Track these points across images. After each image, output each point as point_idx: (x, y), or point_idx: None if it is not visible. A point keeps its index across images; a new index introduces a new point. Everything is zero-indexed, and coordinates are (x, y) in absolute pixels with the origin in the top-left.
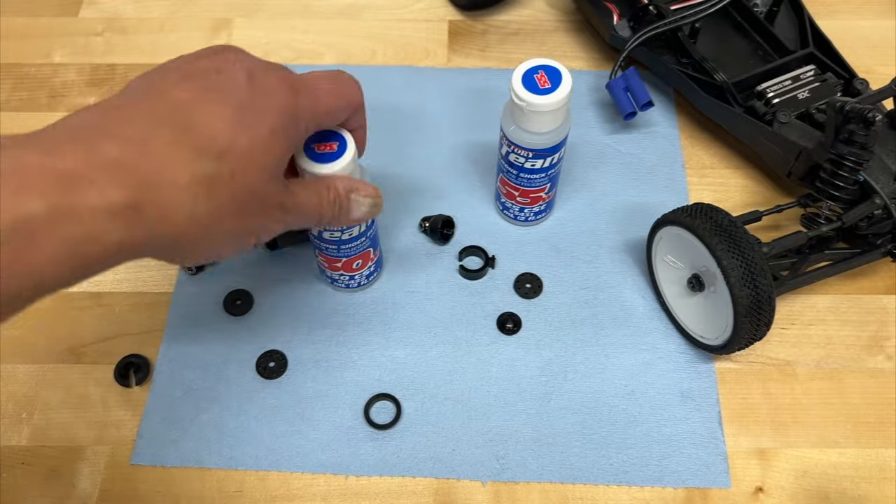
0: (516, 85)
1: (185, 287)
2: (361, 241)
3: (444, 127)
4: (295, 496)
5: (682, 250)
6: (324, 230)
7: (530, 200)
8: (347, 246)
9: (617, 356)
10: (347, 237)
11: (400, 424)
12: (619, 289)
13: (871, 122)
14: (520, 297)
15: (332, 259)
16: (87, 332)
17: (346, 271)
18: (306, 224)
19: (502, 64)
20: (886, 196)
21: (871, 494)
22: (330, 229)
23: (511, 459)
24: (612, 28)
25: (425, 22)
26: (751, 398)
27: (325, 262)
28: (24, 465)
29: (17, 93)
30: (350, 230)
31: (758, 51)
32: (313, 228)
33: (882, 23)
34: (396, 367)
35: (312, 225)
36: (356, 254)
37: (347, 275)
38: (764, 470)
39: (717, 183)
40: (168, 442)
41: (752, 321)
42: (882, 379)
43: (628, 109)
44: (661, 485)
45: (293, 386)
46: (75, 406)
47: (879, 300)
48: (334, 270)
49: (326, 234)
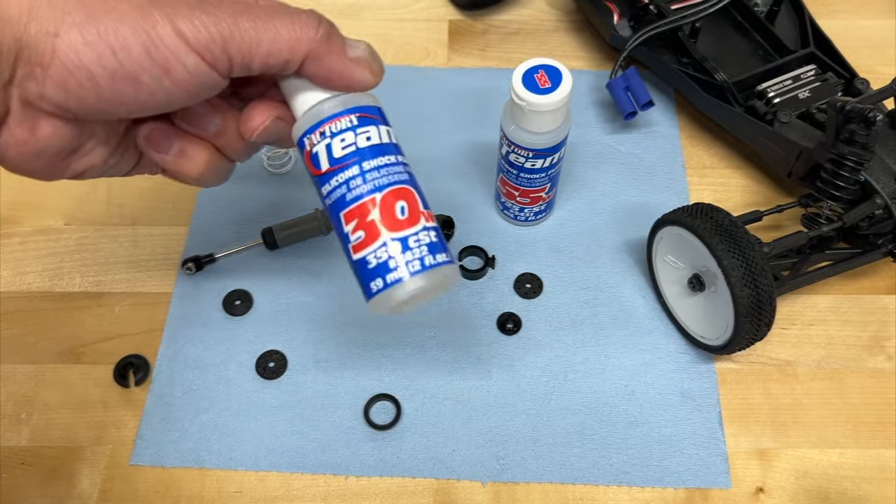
0: (516, 85)
1: (185, 287)
2: (392, 161)
3: (444, 127)
4: (295, 497)
5: (683, 250)
6: (332, 141)
7: (530, 200)
8: (372, 163)
9: (617, 356)
10: (366, 143)
11: (400, 425)
12: (619, 289)
13: (872, 122)
14: (520, 297)
15: (362, 205)
16: (87, 332)
17: (392, 229)
18: (265, 44)
19: (502, 64)
20: (887, 196)
21: (872, 495)
22: (339, 132)
23: (511, 460)
24: (613, 28)
25: (425, 22)
26: (751, 398)
27: (359, 227)
28: (23, 465)
29: None
30: (366, 129)
31: (758, 50)
32: (290, 74)
33: (883, 22)
34: (396, 367)
35: (278, 48)
36: (393, 185)
37: (398, 237)
38: (764, 470)
39: (717, 183)
40: (168, 442)
41: (753, 321)
42: (882, 379)
43: (628, 109)
44: (661, 485)
45: (293, 386)
46: (75, 406)
47: (880, 300)
48: (375, 241)
49: (337, 144)
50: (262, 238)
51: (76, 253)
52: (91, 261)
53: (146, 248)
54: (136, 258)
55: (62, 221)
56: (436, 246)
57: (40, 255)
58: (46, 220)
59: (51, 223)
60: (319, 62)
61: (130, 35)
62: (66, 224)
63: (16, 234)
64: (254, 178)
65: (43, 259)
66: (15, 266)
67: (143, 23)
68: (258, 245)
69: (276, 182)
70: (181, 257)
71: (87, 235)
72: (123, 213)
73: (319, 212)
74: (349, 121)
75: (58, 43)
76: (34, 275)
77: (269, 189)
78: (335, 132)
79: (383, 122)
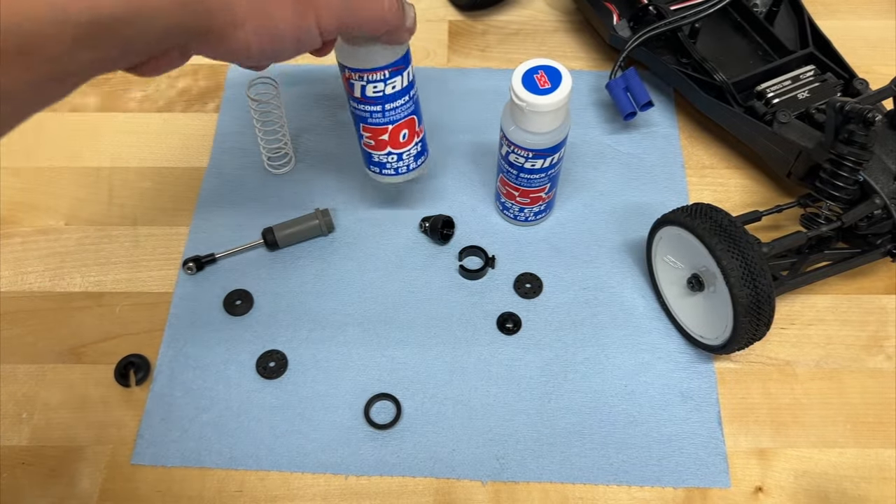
0: (516, 85)
1: (186, 287)
2: (405, 102)
3: (444, 127)
4: (295, 496)
5: (682, 250)
6: (366, 86)
7: (530, 200)
8: (392, 105)
9: (617, 356)
10: (391, 91)
11: (400, 424)
12: (618, 289)
13: (871, 123)
14: (520, 297)
15: (378, 129)
16: (88, 332)
17: (394, 148)
18: (367, 23)
19: (502, 64)
20: (886, 196)
21: (871, 494)
22: (373, 81)
23: (511, 459)
24: (612, 28)
25: (425, 22)
26: (750, 398)
27: (372, 139)
28: (24, 465)
29: None
30: (394, 80)
31: (757, 51)
32: (356, 88)
33: (882, 23)
34: (396, 367)
35: (374, 27)
36: (402, 119)
37: (396, 153)
38: (764, 470)
39: (716, 183)
40: (168, 442)
41: (752, 321)
42: (881, 379)
43: (628, 109)
44: (660, 484)
45: (293, 386)
46: (75, 406)
47: (879, 300)
48: (381, 150)
49: (370, 89)
50: (263, 238)
51: (77, 253)
52: (92, 261)
53: (147, 247)
54: (136, 258)
55: (63, 221)
56: (420, 154)
57: (41, 254)
58: (47, 220)
59: (51, 223)
60: (391, 35)
61: (287, 30)
62: (66, 224)
63: (16, 234)
64: (254, 178)
65: (44, 259)
66: (16, 266)
67: (299, 20)
68: (258, 245)
69: (276, 182)
70: (182, 257)
71: (88, 235)
72: (124, 212)
73: (319, 212)
74: (383, 74)
75: (237, 33)
76: (35, 275)
77: (269, 189)
78: (371, 80)
79: (406, 67)
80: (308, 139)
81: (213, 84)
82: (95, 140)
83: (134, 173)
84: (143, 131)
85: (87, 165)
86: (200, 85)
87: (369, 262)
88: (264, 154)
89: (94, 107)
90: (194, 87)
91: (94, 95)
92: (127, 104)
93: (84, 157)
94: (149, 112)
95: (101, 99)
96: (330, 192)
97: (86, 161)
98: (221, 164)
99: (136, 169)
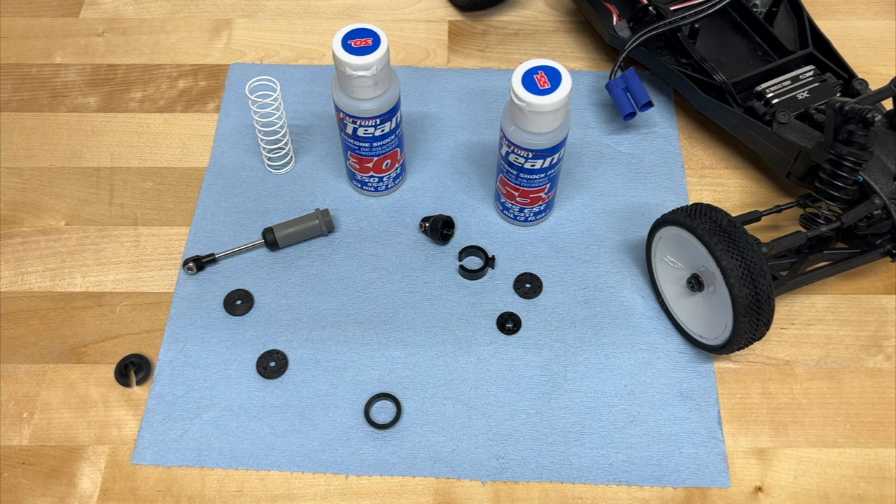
0: (516, 85)
1: (186, 287)
2: (391, 140)
3: (444, 127)
4: (295, 495)
5: (682, 250)
6: (358, 128)
7: (530, 201)
8: (380, 143)
9: (616, 356)
10: (380, 133)
11: (400, 424)
12: (618, 289)
13: (871, 123)
14: (519, 297)
15: (364, 159)
16: (88, 332)
17: (377, 172)
18: None
19: (502, 64)
20: (885, 196)
21: (870, 494)
22: (364, 126)
23: (511, 459)
24: (612, 28)
25: (425, 22)
26: (750, 398)
27: (357, 164)
28: (24, 464)
29: (19, 93)
30: (383, 125)
31: (757, 51)
32: (348, 126)
33: (881, 23)
34: (396, 366)
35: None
36: (387, 153)
37: (378, 176)
38: (763, 469)
39: (716, 183)
40: (169, 441)
41: (752, 321)
42: (881, 379)
43: (628, 110)
44: (660, 484)
45: (293, 386)
46: (76, 406)
47: (878, 300)
48: (365, 173)
49: (361, 130)
50: (263, 238)
51: (77, 253)
52: (92, 261)
53: (147, 248)
54: (137, 258)
55: (63, 221)
56: (399, 175)
57: (42, 255)
58: (47, 220)
59: (52, 223)
60: None
61: None
62: (67, 224)
63: (17, 234)
64: (254, 178)
65: (44, 259)
66: (16, 266)
67: None
68: (259, 245)
69: (276, 182)
70: (182, 257)
71: (89, 235)
72: (125, 213)
73: (319, 212)
74: (374, 121)
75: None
76: (35, 275)
77: (269, 189)
78: (363, 124)
79: (395, 113)
80: (308, 139)
81: (214, 84)
82: (96, 140)
83: (134, 173)
84: (144, 131)
85: (87, 165)
86: (200, 85)
87: (369, 262)
88: (264, 154)
89: (95, 107)
90: (194, 88)
91: (95, 96)
92: (127, 104)
93: (84, 157)
94: (149, 112)
95: (102, 99)
96: (330, 191)
97: (86, 161)
98: (221, 164)
99: (136, 169)
